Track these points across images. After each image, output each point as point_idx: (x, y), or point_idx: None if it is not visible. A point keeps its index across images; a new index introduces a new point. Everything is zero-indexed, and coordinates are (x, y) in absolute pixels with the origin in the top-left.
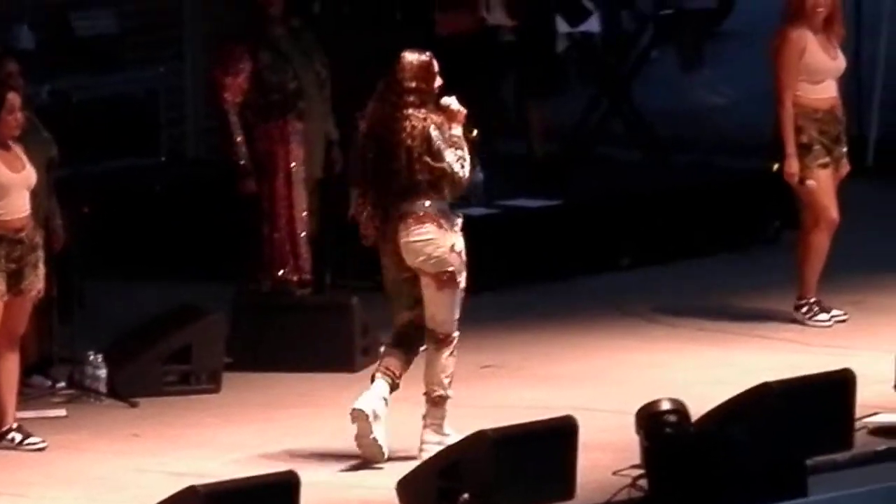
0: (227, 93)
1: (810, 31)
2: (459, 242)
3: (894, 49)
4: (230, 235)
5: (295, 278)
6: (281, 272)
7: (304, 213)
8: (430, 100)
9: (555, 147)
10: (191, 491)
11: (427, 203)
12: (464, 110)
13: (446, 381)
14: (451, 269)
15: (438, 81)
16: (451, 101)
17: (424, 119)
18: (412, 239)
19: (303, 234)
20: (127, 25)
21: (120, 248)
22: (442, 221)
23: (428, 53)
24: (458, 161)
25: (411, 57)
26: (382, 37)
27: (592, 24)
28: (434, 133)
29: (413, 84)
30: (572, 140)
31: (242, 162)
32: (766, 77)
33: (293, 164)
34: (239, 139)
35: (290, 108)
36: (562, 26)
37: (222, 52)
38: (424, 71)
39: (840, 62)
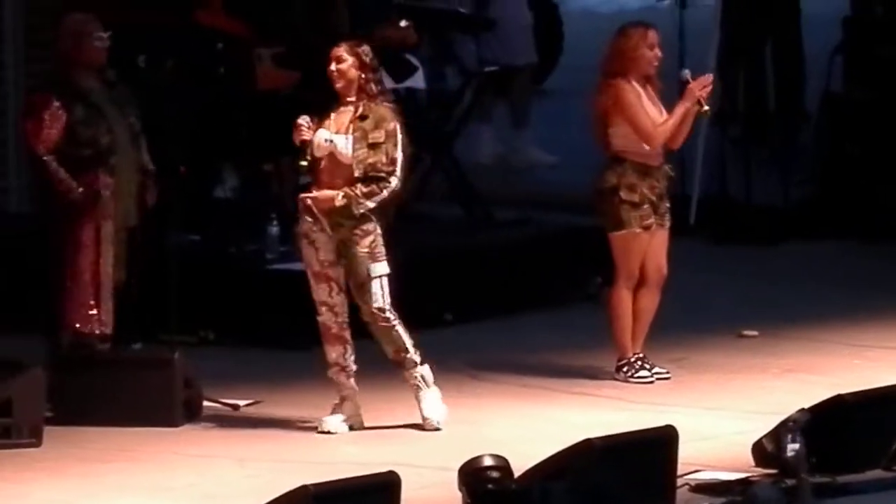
0: (40, 143)
1: (638, 85)
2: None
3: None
4: (42, 289)
5: (97, 332)
6: (80, 325)
7: (111, 268)
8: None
9: None
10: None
11: None
12: None
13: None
14: None
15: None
16: None
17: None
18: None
19: (107, 288)
20: None
21: None
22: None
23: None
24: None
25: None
26: (204, 91)
27: (417, 80)
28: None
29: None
30: None
31: (80, 189)
32: (586, 134)
33: (102, 219)
34: (63, 176)
35: (102, 163)
36: (387, 82)
37: (33, 103)
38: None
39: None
